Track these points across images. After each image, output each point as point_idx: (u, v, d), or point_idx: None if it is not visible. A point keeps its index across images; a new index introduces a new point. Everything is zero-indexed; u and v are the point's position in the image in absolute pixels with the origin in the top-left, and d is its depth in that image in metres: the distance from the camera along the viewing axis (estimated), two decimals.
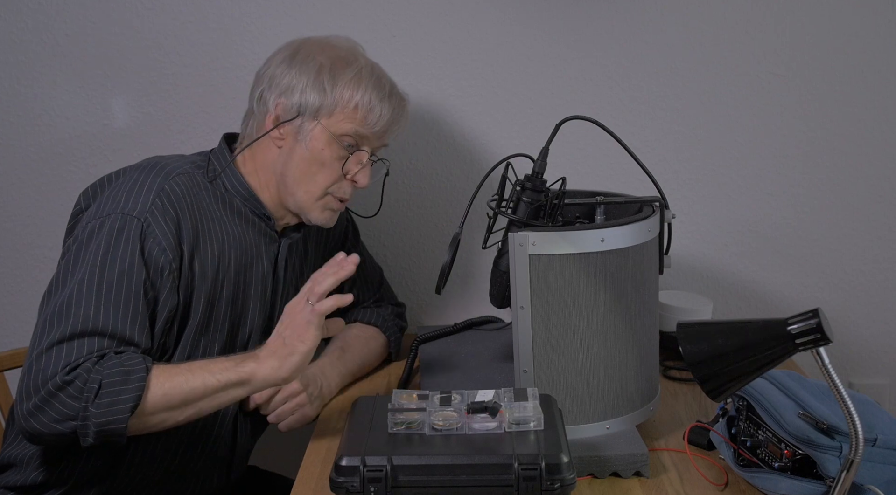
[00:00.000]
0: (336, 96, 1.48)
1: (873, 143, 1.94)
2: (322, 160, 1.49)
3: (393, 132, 1.57)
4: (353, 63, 1.51)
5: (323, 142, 1.49)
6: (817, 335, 1.08)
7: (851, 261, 2.00)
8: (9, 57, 1.90)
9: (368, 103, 1.49)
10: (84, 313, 1.30)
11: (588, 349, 1.36)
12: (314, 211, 1.53)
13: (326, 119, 1.48)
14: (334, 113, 1.48)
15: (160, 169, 1.44)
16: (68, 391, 1.25)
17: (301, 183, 1.50)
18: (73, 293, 1.32)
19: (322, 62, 1.49)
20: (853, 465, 1.12)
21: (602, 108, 1.92)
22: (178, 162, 1.49)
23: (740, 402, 1.37)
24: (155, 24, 1.88)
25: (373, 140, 1.53)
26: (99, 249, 1.35)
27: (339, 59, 1.51)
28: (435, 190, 1.98)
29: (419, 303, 2.02)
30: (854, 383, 2.04)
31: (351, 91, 1.48)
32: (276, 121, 1.50)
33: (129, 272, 1.34)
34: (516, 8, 1.88)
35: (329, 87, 1.48)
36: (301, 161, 1.49)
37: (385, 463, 1.14)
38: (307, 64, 1.50)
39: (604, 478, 1.34)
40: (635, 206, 1.48)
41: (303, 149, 1.49)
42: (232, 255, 1.49)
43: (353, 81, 1.49)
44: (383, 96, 1.51)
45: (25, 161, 1.94)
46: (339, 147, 1.49)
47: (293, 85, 1.49)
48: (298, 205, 1.52)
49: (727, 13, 1.88)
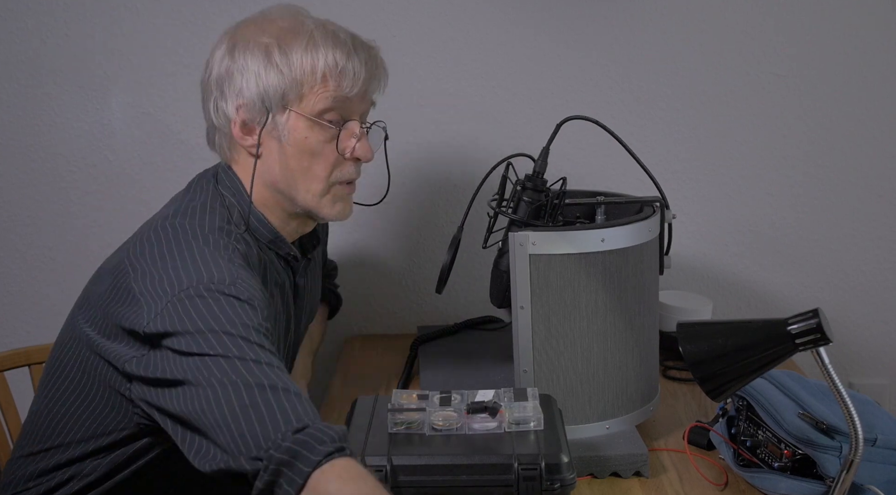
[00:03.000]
0: (296, 73, 1.27)
1: (873, 143, 1.94)
2: (311, 149, 1.30)
3: (374, 89, 1.35)
4: (300, 30, 1.29)
5: (304, 130, 1.30)
6: (817, 335, 1.08)
7: (851, 261, 2.00)
8: (9, 57, 1.90)
9: (335, 66, 1.28)
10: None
11: (588, 349, 1.36)
12: (324, 208, 1.35)
13: (297, 103, 1.29)
14: (303, 92, 1.28)
15: (217, 238, 1.24)
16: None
17: (299, 182, 1.32)
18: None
19: (266, 42, 1.28)
20: (853, 465, 1.12)
21: (602, 108, 1.92)
22: (203, 217, 1.28)
23: (740, 402, 1.37)
24: (155, 24, 1.88)
25: (357, 104, 1.33)
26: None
27: (284, 31, 1.29)
28: (435, 190, 1.98)
29: (419, 303, 2.02)
30: (854, 383, 2.04)
31: (311, 60, 1.27)
32: (243, 127, 1.30)
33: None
34: (516, 8, 1.88)
35: (285, 66, 1.27)
36: (290, 159, 1.31)
37: (385, 464, 1.14)
38: (250, 50, 1.29)
39: (604, 478, 1.34)
40: (635, 206, 1.48)
41: (287, 146, 1.30)
42: (275, 324, 1.34)
43: (308, 49, 1.27)
44: (348, 52, 1.29)
45: (25, 161, 1.94)
46: (323, 128, 1.30)
47: (245, 79, 1.28)
48: (306, 207, 1.34)
49: (727, 13, 1.88)
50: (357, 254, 2.01)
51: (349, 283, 2.02)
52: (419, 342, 1.80)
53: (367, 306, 2.04)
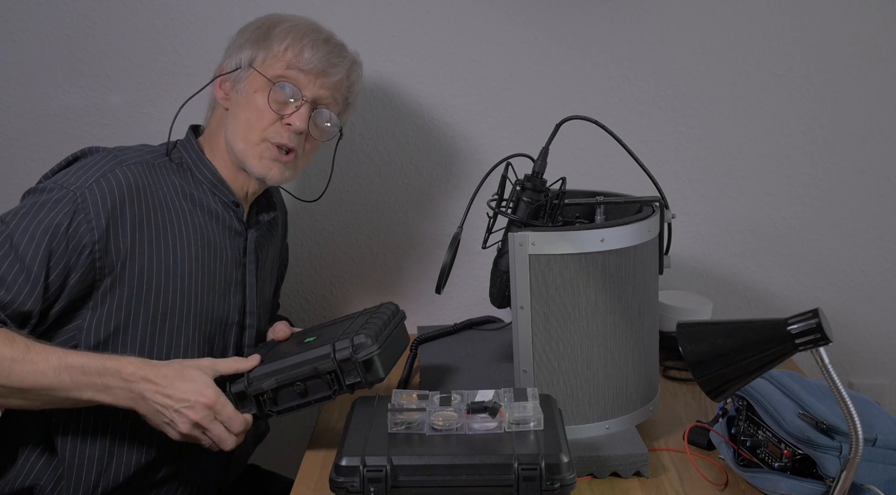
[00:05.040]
0: (270, 43, 1.48)
1: (873, 143, 1.94)
2: (256, 105, 1.47)
3: (333, 77, 1.51)
4: (290, 20, 1.52)
5: (257, 86, 1.48)
6: (817, 335, 1.08)
7: (851, 261, 2.00)
8: (9, 57, 1.90)
9: (300, 42, 1.48)
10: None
11: (588, 349, 1.36)
12: (251, 159, 1.49)
13: (260, 65, 1.48)
14: (268, 58, 1.48)
15: (115, 156, 1.43)
16: None
17: (239, 131, 1.49)
18: None
19: (262, 23, 1.52)
20: (853, 465, 1.12)
21: (602, 108, 1.92)
22: (138, 151, 1.49)
23: (740, 402, 1.37)
24: (155, 25, 1.88)
25: (311, 83, 1.49)
26: (23, 209, 1.36)
27: (279, 19, 1.52)
28: (435, 190, 1.98)
29: (419, 303, 2.02)
30: (854, 383, 2.04)
31: (284, 36, 1.48)
32: (220, 86, 1.52)
33: (42, 237, 1.33)
34: (516, 8, 1.88)
35: (263, 38, 1.49)
36: (239, 110, 1.49)
37: (385, 464, 1.14)
38: (247, 29, 1.52)
39: (604, 478, 1.34)
40: (635, 206, 1.48)
41: (240, 98, 1.49)
42: (192, 248, 1.47)
43: (287, 29, 1.49)
44: (317, 39, 1.49)
45: (25, 161, 1.94)
46: (274, 91, 1.47)
47: (234, 48, 1.52)
48: (240, 156, 1.49)
49: (727, 13, 1.88)
50: (357, 254, 2.01)
51: (349, 283, 2.02)
52: (419, 342, 1.80)
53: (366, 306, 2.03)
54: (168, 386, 1.31)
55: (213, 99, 1.56)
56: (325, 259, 2.00)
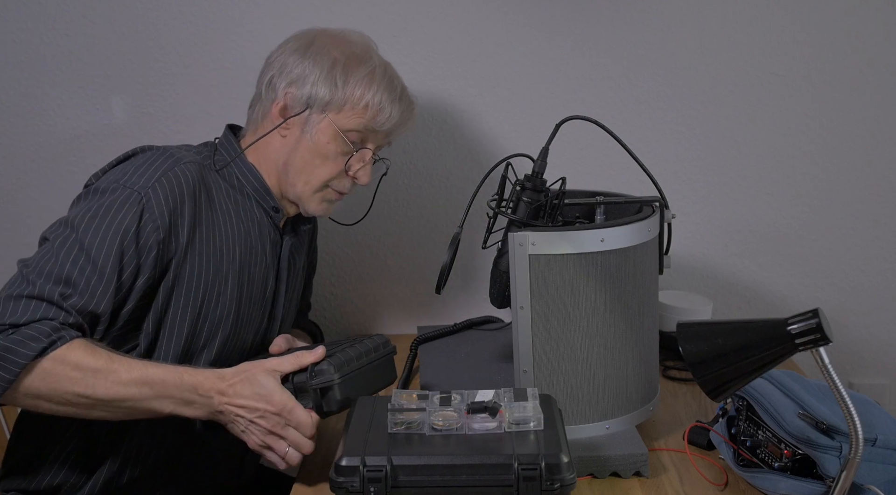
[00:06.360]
0: (347, 93, 1.47)
1: (873, 143, 1.94)
2: (326, 153, 1.49)
3: (399, 133, 1.57)
4: (367, 61, 1.50)
5: (329, 136, 1.48)
6: (817, 335, 1.08)
7: (851, 261, 2.00)
8: (9, 57, 1.90)
9: (379, 103, 1.49)
10: (56, 272, 1.30)
11: (588, 349, 1.36)
12: (312, 202, 1.53)
13: (335, 114, 1.48)
14: (343, 109, 1.48)
15: (170, 155, 1.43)
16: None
17: (302, 174, 1.50)
18: (51, 251, 1.32)
19: (336, 57, 1.49)
20: (853, 465, 1.12)
21: (602, 108, 1.92)
22: (188, 151, 1.49)
23: (740, 402, 1.37)
24: (155, 25, 1.88)
25: (378, 138, 1.54)
26: (89, 211, 1.35)
27: (354, 55, 1.50)
28: (435, 190, 1.98)
29: (419, 303, 2.02)
30: (854, 383, 2.04)
31: (363, 89, 1.48)
32: (283, 110, 1.50)
33: (113, 239, 1.33)
34: (516, 8, 1.88)
35: (341, 82, 1.48)
36: (305, 152, 1.49)
37: (385, 464, 1.14)
38: (321, 56, 1.49)
39: (604, 478, 1.34)
40: (635, 206, 1.48)
41: (308, 140, 1.49)
42: (236, 251, 1.48)
43: (365, 79, 1.48)
44: (394, 98, 1.51)
45: (26, 161, 1.95)
46: (343, 142, 1.49)
47: (305, 76, 1.48)
48: (297, 195, 1.52)
49: (727, 13, 1.88)
50: (357, 254, 2.01)
51: (349, 284, 2.02)
52: (419, 342, 1.80)
53: (366, 306, 2.04)
54: (237, 397, 1.30)
55: (265, 104, 1.53)
56: (325, 259, 2.00)
